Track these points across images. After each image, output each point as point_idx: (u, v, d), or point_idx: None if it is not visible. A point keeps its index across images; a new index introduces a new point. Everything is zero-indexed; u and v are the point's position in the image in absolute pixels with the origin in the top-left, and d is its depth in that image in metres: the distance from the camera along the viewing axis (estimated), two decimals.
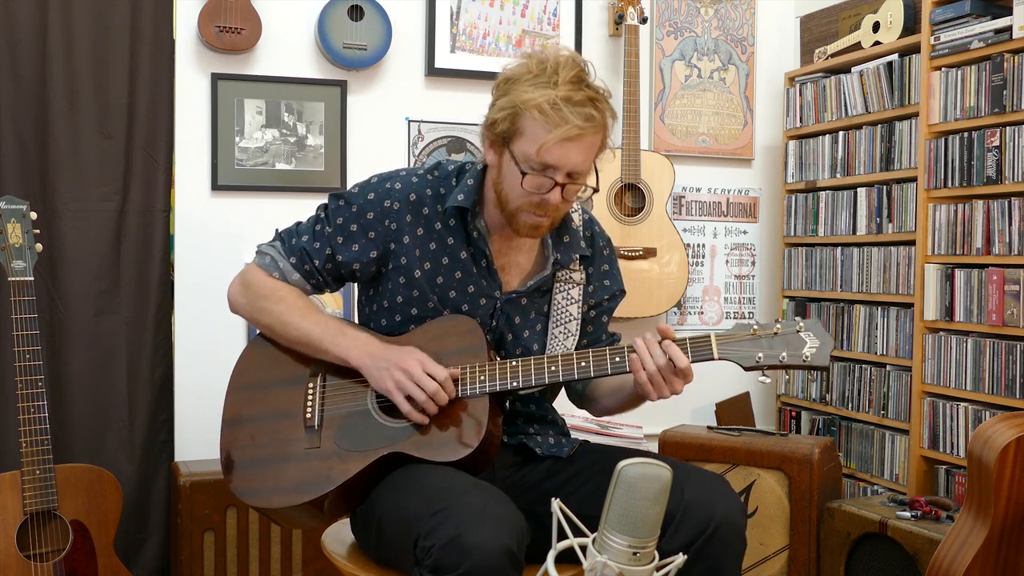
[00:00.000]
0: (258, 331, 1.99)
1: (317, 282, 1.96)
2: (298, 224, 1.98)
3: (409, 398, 1.78)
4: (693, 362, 1.75)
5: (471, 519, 1.54)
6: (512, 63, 1.83)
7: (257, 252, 1.99)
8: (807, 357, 1.73)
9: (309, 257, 1.93)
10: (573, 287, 1.97)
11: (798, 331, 1.75)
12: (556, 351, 1.93)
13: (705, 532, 1.67)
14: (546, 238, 1.95)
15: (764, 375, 1.75)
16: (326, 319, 1.91)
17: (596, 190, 1.84)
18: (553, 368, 1.80)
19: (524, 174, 1.78)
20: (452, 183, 1.91)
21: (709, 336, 1.76)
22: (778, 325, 1.76)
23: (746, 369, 1.75)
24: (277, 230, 2.01)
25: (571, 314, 1.95)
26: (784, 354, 1.73)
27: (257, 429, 1.87)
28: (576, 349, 1.94)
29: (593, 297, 2.01)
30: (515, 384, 1.79)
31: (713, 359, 1.76)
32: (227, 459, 1.87)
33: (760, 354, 1.74)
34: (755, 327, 1.75)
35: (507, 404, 1.92)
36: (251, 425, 1.88)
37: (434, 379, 1.77)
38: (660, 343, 1.75)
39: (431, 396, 1.76)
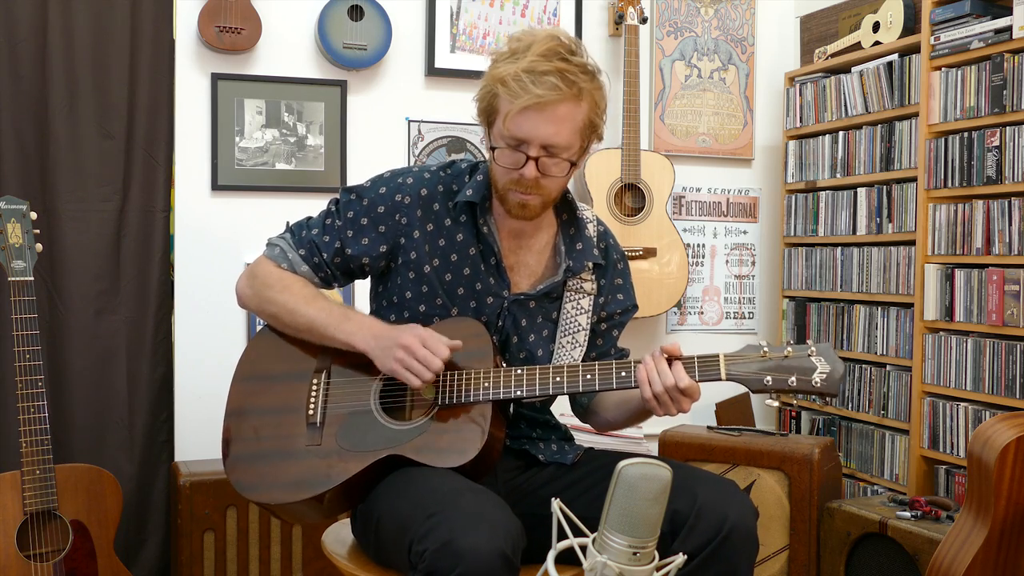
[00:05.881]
0: (265, 323, 1.99)
1: (325, 275, 1.95)
2: (309, 217, 1.99)
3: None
4: (700, 382, 1.73)
5: (465, 523, 1.53)
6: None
7: (267, 244, 1.99)
8: (817, 383, 1.70)
9: (318, 250, 1.92)
10: (584, 297, 1.95)
11: (809, 355, 1.71)
12: (562, 361, 1.91)
13: (718, 536, 1.66)
14: (558, 244, 1.95)
15: (772, 398, 1.73)
16: (331, 306, 1.90)
17: (574, 164, 1.82)
18: (558, 379, 1.79)
19: (494, 148, 1.79)
20: (465, 180, 1.92)
21: (718, 356, 1.73)
22: (789, 348, 1.73)
23: (754, 392, 1.73)
24: (288, 222, 2.01)
25: (580, 324, 1.94)
26: (793, 379, 1.70)
27: (260, 422, 1.87)
28: (583, 361, 1.92)
29: (604, 309, 1.99)
30: (519, 393, 1.78)
31: (721, 379, 1.73)
32: (229, 451, 1.87)
33: (769, 377, 1.71)
34: (765, 349, 1.72)
35: (511, 409, 1.91)
36: (254, 418, 1.88)
37: (435, 354, 1.76)
38: (669, 361, 1.72)
39: (435, 372, 1.77)
